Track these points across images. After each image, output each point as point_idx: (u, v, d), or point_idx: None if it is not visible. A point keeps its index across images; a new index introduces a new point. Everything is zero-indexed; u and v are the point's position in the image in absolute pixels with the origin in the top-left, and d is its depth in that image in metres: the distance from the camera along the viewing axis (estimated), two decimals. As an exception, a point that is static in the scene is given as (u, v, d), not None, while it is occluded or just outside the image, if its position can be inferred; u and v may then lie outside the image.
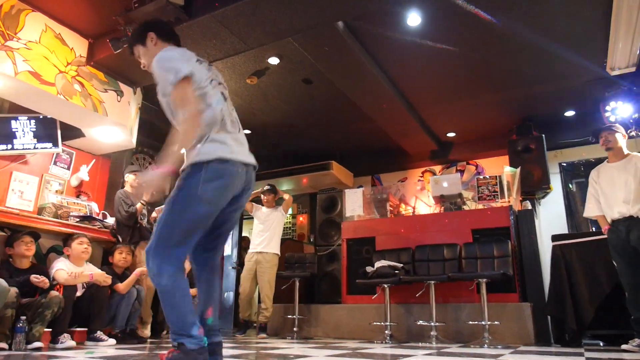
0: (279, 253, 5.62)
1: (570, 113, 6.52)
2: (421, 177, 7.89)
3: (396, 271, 4.75)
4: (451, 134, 7.33)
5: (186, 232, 2.01)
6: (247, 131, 7.18)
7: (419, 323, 4.65)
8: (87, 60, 4.85)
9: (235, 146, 2.15)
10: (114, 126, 5.13)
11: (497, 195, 5.34)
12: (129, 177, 4.96)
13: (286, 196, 5.86)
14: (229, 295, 7.89)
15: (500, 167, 6.07)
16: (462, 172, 7.58)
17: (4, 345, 3.14)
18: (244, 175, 2.16)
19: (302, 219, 8.76)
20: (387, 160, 8.15)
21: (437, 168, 7.82)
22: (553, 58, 5.04)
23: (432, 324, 4.39)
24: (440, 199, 5.55)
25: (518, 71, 5.40)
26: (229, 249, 8.25)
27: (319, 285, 6.00)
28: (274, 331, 5.64)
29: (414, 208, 6.86)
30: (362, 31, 4.67)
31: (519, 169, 5.66)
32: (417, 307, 4.84)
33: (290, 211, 9.35)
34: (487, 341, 4.03)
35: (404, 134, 7.02)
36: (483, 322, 4.14)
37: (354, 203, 5.87)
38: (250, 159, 2.22)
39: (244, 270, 5.57)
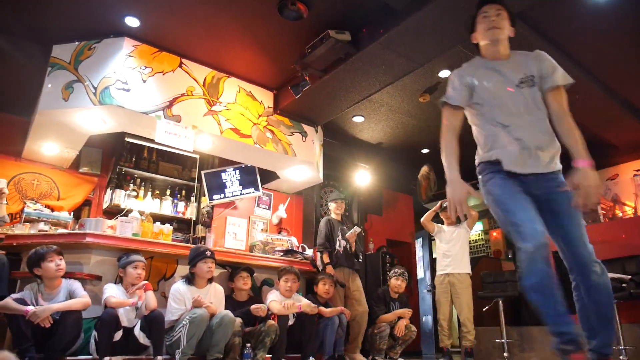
0: (471, 272, 5.26)
1: None
2: (638, 171, 6.68)
3: (623, 284, 4.04)
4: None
5: None
6: (426, 150, 7.08)
7: (666, 346, 3.84)
8: (274, 109, 5.42)
9: None
10: (302, 165, 5.58)
11: None
12: (331, 205, 5.26)
13: (473, 212, 5.51)
14: (428, 319, 7.70)
15: None
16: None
17: (237, 369, 3.55)
18: None
19: (496, 234, 8.18)
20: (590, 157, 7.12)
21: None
22: None
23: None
24: (671, 194, 4.59)
25: None
26: (421, 271, 8.12)
27: (527, 305, 5.44)
28: (481, 357, 5.27)
29: (635, 209, 5.82)
30: (538, 19, 4.23)
31: None
32: (660, 327, 4.01)
33: (481, 226, 8.81)
34: None
35: (607, 123, 6.06)
36: None
37: (556, 210, 5.22)
38: None
39: (438, 294, 5.27)
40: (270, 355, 3.81)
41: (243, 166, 5.73)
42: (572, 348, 1.79)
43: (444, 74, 5.02)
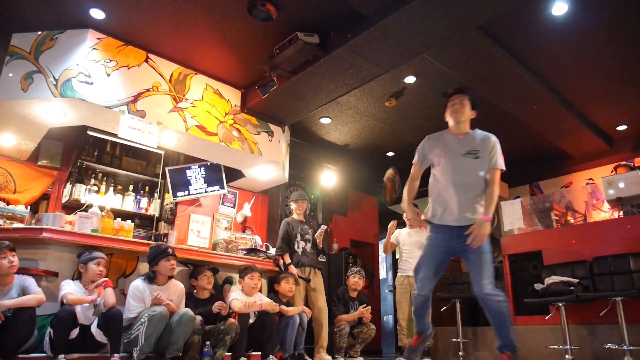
0: None
1: None
2: (590, 180, 7.01)
3: (571, 287, 4.24)
4: (622, 127, 6.40)
5: None
6: (391, 153, 7.22)
7: (607, 347, 4.05)
8: (241, 108, 5.41)
9: None
10: (268, 164, 5.60)
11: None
12: (292, 205, 5.30)
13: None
14: (389, 319, 7.85)
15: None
16: (642, 169, 6.54)
17: (194, 367, 3.55)
18: None
19: (457, 236, 8.40)
20: (546, 165, 7.43)
21: (609, 167, 6.87)
22: None
23: (625, 347, 3.79)
24: (618, 202, 4.84)
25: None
26: (383, 272, 8.27)
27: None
28: (438, 356, 5.43)
29: (585, 215, 6.10)
30: (500, 31, 4.40)
31: None
32: (602, 328, 4.23)
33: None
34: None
35: (563, 134, 6.35)
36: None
37: (513, 215, 5.43)
38: None
39: (398, 294, 5.38)
40: (230, 354, 3.82)
41: (208, 164, 5.70)
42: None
43: (410, 79, 5.15)
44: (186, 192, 5.59)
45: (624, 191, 4.76)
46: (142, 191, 5.51)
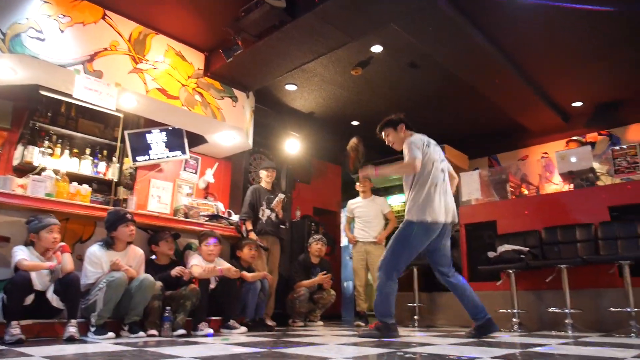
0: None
1: None
2: (545, 154, 7.28)
3: (522, 256, 4.45)
4: (577, 104, 6.64)
5: (400, 263, 3.43)
6: (356, 122, 7.24)
7: (550, 310, 4.32)
8: (204, 72, 5.26)
9: (440, 209, 3.34)
10: (232, 130, 5.51)
11: (638, 166, 4.74)
12: (262, 173, 5.28)
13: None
14: (349, 285, 8.05)
15: (640, 135, 5.37)
16: (593, 144, 6.84)
17: (155, 332, 3.56)
18: (440, 228, 3.39)
19: (417, 206, 8.61)
20: (505, 139, 7.65)
21: (563, 142, 7.14)
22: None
23: (567, 311, 4.05)
24: (569, 176, 5.06)
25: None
26: (345, 240, 8.42)
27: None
28: (396, 319, 5.63)
29: (538, 188, 6.36)
30: (468, 5, 4.41)
31: (664, 136, 4.95)
32: (548, 294, 4.49)
33: (403, 198, 9.21)
34: (634, 330, 3.62)
35: (522, 109, 6.53)
36: (628, 309, 3.72)
37: (471, 186, 5.60)
38: (449, 219, 3.42)
39: (355, 261, 5.55)
40: (191, 319, 3.85)
41: (170, 128, 5.56)
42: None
43: (377, 49, 5.13)
44: (146, 157, 5.46)
45: (574, 165, 4.97)
46: (99, 155, 5.32)
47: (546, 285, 4.35)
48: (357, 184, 5.77)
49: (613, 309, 3.96)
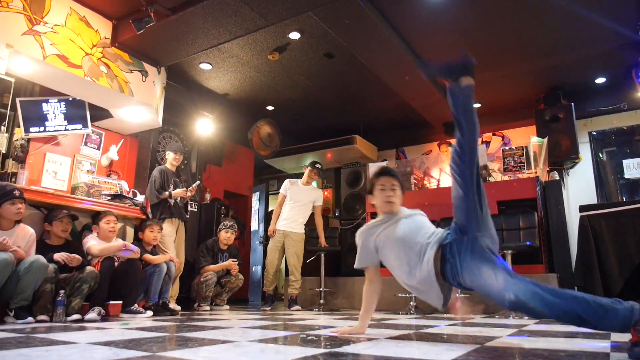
0: (304, 231, 5.63)
1: (601, 80, 6.30)
2: (446, 149, 7.80)
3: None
4: (476, 105, 7.16)
5: None
6: (271, 107, 7.21)
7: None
8: (112, 41, 4.93)
9: None
10: (140, 106, 5.24)
11: (524, 166, 5.27)
12: (169, 155, 5.09)
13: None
14: (257, 269, 8.07)
15: (527, 138, 5.95)
16: (487, 143, 7.46)
17: (45, 317, 3.32)
18: None
19: (327, 193, 8.81)
20: (412, 133, 8.08)
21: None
22: (582, 22, 4.85)
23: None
24: (465, 171, 5.48)
25: (546, 38, 5.22)
26: (255, 224, 8.40)
27: (345, 259, 6.08)
28: (303, 304, 5.78)
29: (438, 181, 6.82)
30: (383, 2, 4.59)
31: (546, 139, 5.54)
32: (442, 279, 4.87)
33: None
34: (512, 312, 4.05)
35: (428, 106, 6.93)
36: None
37: (378, 177, 5.84)
38: None
39: (272, 242, 5.53)
40: (89, 303, 3.64)
41: (70, 99, 5.14)
42: None
43: (295, 35, 5.13)
44: (41, 128, 5.00)
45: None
46: (-15, 123, 4.79)
47: (440, 271, 4.70)
48: (309, 171, 5.66)
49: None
